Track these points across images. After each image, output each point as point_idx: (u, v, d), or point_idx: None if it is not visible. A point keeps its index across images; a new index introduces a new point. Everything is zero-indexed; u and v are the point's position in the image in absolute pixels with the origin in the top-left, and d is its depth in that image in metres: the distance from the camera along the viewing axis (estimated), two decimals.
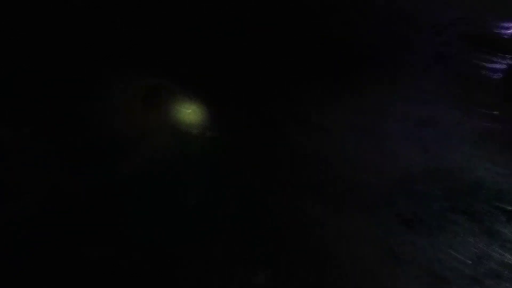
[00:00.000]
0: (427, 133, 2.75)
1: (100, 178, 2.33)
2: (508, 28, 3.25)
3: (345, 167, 2.53)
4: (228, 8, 3.45)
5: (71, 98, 2.87)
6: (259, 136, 2.78)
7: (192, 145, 2.66)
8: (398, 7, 3.80)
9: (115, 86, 2.98)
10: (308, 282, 1.82)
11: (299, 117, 3.02)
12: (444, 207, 2.24)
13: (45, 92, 2.86)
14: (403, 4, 3.75)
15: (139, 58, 3.11)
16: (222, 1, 3.59)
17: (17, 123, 2.69)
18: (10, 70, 2.89)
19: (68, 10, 3.19)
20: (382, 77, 3.56)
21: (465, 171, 2.39)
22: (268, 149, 2.66)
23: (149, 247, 1.93)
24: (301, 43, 3.72)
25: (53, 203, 2.16)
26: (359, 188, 2.36)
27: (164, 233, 2.00)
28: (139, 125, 2.80)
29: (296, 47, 3.61)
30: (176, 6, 3.39)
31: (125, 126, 2.77)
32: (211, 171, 2.42)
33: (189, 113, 2.99)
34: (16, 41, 3.03)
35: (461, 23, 3.51)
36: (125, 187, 2.28)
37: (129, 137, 2.69)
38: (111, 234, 1.99)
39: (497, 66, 3.08)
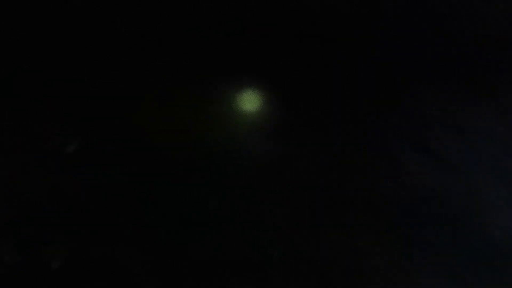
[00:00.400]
0: None
1: (100, 178, 2.33)
2: None
3: None
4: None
5: (71, 98, 2.86)
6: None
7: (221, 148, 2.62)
8: None
9: (118, 86, 2.98)
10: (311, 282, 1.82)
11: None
12: None
13: (45, 92, 2.86)
14: None
15: (143, 58, 3.11)
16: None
17: (17, 123, 2.69)
18: (10, 70, 2.89)
19: (68, 10, 3.19)
20: None
21: None
22: None
23: (149, 247, 1.93)
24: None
25: (53, 203, 2.16)
26: None
27: (164, 233, 2.00)
28: (144, 126, 2.79)
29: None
30: (180, 5, 3.37)
31: (129, 127, 2.77)
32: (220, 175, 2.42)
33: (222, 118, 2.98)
34: (16, 41, 3.03)
35: None
36: (125, 187, 2.28)
37: (133, 138, 2.68)
38: (111, 234, 1.99)
39: None
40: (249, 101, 3.13)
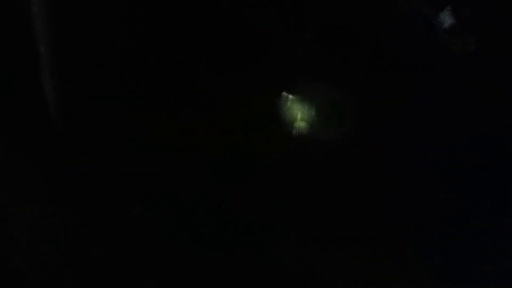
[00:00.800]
0: None
1: (100, 177, 2.33)
2: None
3: None
4: None
5: (71, 98, 2.86)
6: None
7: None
8: None
9: (118, 86, 2.97)
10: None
11: None
12: None
13: (45, 92, 2.86)
14: None
15: (142, 58, 3.10)
16: None
17: (17, 123, 2.69)
18: (10, 70, 2.89)
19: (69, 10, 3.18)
20: None
21: None
22: None
23: (149, 248, 1.93)
24: None
25: (53, 203, 2.17)
26: None
27: (165, 233, 2.00)
28: (144, 126, 2.79)
29: None
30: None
31: (129, 127, 2.77)
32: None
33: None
34: (16, 40, 3.02)
35: None
36: (126, 187, 2.28)
37: (132, 137, 2.68)
38: (111, 234, 1.99)
39: None
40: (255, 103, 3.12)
